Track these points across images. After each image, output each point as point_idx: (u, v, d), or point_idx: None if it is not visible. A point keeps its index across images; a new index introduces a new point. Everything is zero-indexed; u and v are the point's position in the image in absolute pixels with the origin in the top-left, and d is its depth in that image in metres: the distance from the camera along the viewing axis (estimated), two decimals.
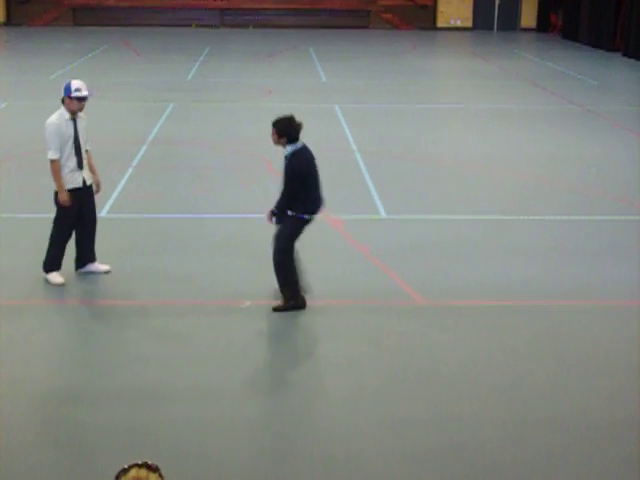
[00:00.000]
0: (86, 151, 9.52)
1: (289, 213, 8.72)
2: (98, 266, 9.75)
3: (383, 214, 12.25)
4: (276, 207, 8.77)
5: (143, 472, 3.64)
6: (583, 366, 7.91)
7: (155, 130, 17.38)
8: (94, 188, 9.62)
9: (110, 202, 12.51)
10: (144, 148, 15.80)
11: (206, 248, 10.79)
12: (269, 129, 8.76)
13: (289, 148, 8.69)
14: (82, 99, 9.22)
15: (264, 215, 9.00)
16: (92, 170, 9.60)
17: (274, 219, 8.80)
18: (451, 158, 15.55)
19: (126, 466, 3.65)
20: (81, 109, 9.33)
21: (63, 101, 9.29)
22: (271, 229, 8.99)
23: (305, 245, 9.19)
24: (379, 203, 12.71)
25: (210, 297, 9.25)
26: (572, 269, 10.25)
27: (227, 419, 6.90)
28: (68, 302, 9.17)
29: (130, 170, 14.30)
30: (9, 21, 39.04)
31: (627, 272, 10.14)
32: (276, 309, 8.82)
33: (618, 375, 7.74)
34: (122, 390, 7.32)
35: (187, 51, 30.80)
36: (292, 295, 8.83)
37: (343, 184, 13.78)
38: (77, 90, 9.18)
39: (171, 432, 6.69)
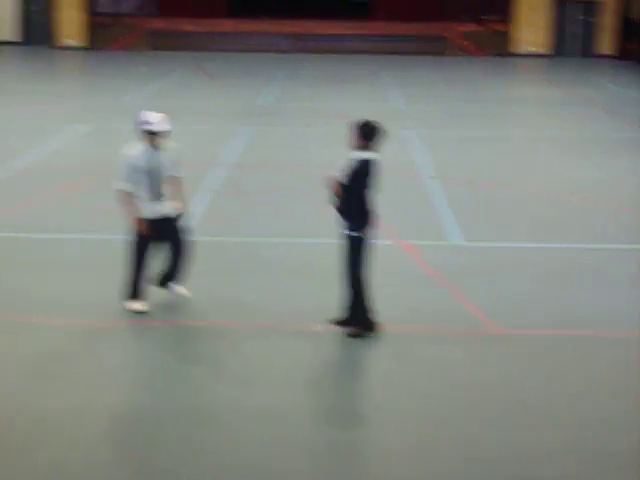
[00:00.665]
0: (175, 178, 9.29)
1: (346, 233, 8.57)
2: (178, 289, 9.56)
3: (460, 241, 12.11)
4: (342, 219, 8.58)
5: None
6: None
7: (230, 154, 17.46)
8: (176, 214, 9.30)
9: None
10: (219, 172, 15.87)
11: (282, 271, 10.76)
12: (344, 153, 8.70)
13: (363, 154, 8.44)
14: (155, 133, 8.91)
15: (336, 240, 8.91)
16: (178, 198, 9.30)
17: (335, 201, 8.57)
18: (528, 184, 15.36)
19: None
20: (156, 142, 8.98)
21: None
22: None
23: (379, 271, 9.12)
24: (456, 229, 12.58)
25: (283, 320, 9.20)
26: None
27: (299, 444, 6.83)
28: (145, 323, 9.19)
29: (207, 194, 14.36)
30: (89, 45, 39.71)
31: None
32: (350, 335, 8.70)
33: None
34: (195, 409, 7.31)
35: (261, 76, 31.00)
36: (364, 320, 8.71)
37: (419, 210, 13.68)
38: (149, 123, 8.89)
39: (242, 453, 6.64)
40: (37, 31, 40.75)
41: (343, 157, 8.80)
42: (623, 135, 20.58)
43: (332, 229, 12.45)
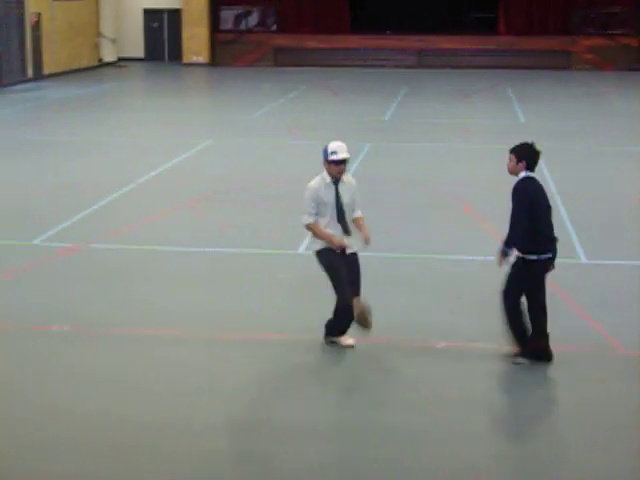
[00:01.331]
0: (356, 218, 8.88)
1: (517, 255, 8.33)
2: (343, 340, 9.00)
3: (583, 258, 11.95)
4: (505, 244, 8.33)
5: None
6: None
7: (352, 169, 17.58)
8: (362, 244, 8.87)
9: (307, 239, 12.70)
10: None
11: (400, 286, 10.78)
12: (466, 170, 8.69)
13: (522, 174, 8.28)
14: (339, 162, 8.61)
15: (460, 257, 8.91)
16: (361, 230, 8.84)
17: (506, 258, 8.34)
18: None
19: None
20: (341, 172, 8.67)
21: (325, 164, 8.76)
22: (465, 268, 8.90)
23: (500, 287, 9.05)
24: (579, 247, 12.41)
25: (407, 334, 9.20)
26: None
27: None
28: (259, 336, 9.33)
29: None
30: (213, 61, 40.51)
31: None
32: (515, 362, 8.48)
33: None
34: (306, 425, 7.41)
35: (384, 91, 31.10)
36: (523, 345, 8.45)
37: None
38: (333, 153, 8.59)
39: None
40: (162, 47, 41.81)
41: (470, 173, 8.78)
42: None
43: (452, 246, 12.48)
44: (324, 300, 10.35)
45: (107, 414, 7.52)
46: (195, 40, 40.25)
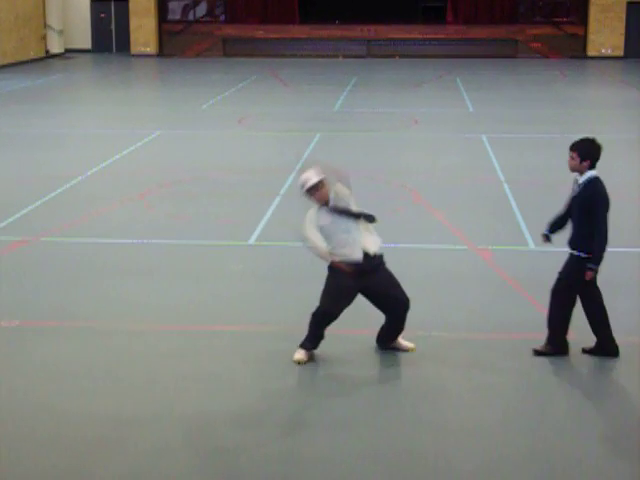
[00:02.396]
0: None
1: (576, 254, 8.16)
2: (402, 342, 8.70)
3: (532, 246, 12.07)
4: (595, 258, 8.02)
5: None
6: None
7: (302, 159, 17.59)
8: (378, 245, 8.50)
9: (258, 230, 12.72)
10: (291, 177, 16.00)
11: None
12: (416, 159, 8.72)
13: (589, 174, 8.07)
14: (312, 189, 8.37)
15: (412, 245, 8.94)
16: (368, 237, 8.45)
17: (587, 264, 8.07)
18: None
19: None
20: (323, 196, 8.38)
21: None
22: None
23: (453, 275, 9.12)
24: (528, 234, 12.53)
25: (358, 326, 9.24)
26: None
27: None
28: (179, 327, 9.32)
29: (277, 198, 14.51)
30: (161, 52, 40.28)
31: None
32: (538, 352, 8.44)
33: None
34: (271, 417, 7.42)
35: (334, 81, 31.12)
36: (553, 340, 8.43)
37: (491, 214, 13.65)
38: (302, 187, 8.42)
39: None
40: (109, 38, 41.49)
41: (419, 161, 8.80)
42: None
43: (405, 235, 12.54)
44: (277, 290, 10.39)
45: (64, 408, 7.47)
46: (143, 31, 39.98)
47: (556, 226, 8.65)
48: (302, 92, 28.45)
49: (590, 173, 8.11)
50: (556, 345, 8.43)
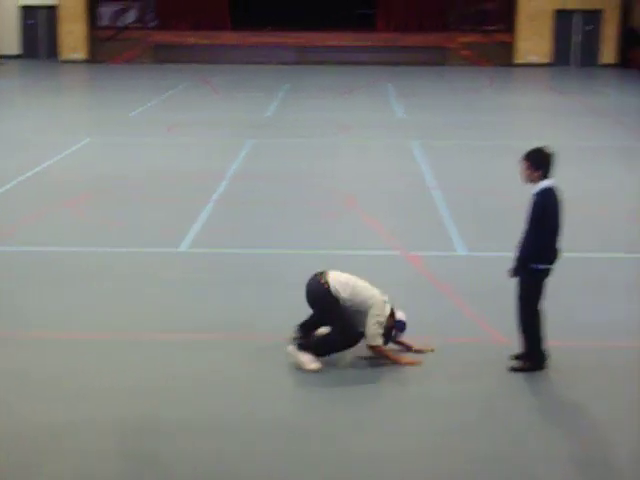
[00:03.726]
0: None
1: (532, 267, 8.02)
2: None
3: (463, 251, 12.15)
4: (518, 259, 8.06)
5: None
6: None
7: (234, 166, 17.53)
8: None
9: (191, 236, 12.63)
10: (224, 183, 15.93)
11: (285, 283, 10.77)
12: (348, 165, 8.71)
13: (543, 184, 7.96)
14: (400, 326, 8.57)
15: (344, 251, 8.95)
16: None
17: (514, 272, 8.13)
18: (517, 192, 15.38)
19: None
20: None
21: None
22: (359, 266, 8.93)
23: (383, 282, 9.13)
24: (458, 240, 12.62)
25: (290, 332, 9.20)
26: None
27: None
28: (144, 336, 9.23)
29: (210, 205, 14.42)
30: (91, 59, 39.88)
31: None
32: (515, 369, 8.28)
33: None
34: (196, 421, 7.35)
35: (266, 88, 31.08)
36: (538, 355, 8.27)
37: (421, 220, 13.72)
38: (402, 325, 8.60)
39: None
40: (39, 44, 40.99)
41: (352, 168, 8.79)
42: (630, 144, 20.61)
43: (339, 241, 12.55)
44: (208, 298, 10.31)
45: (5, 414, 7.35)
46: (73, 37, 39.56)
47: None
48: (234, 99, 28.36)
49: (544, 183, 8.01)
50: (534, 359, 8.29)
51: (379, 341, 8.35)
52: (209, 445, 7.01)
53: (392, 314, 8.52)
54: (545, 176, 8.03)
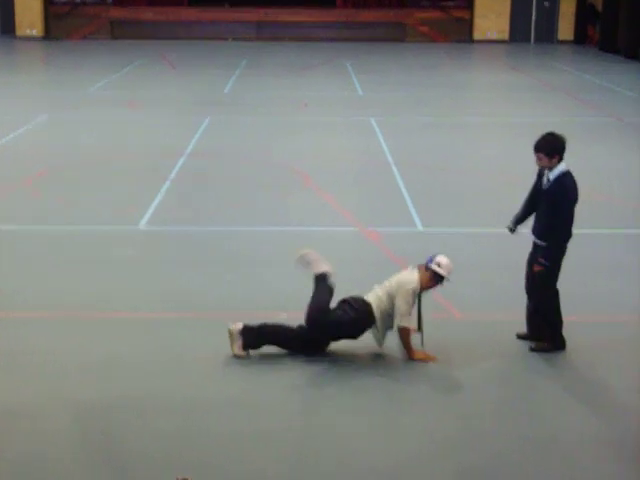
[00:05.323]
0: None
1: (546, 246, 8.12)
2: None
3: (420, 227, 12.24)
4: (554, 245, 8.09)
5: None
6: None
7: (192, 143, 17.48)
8: None
9: (147, 215, 12.60)
10: (181, 161, 15.89)
11: (243, 261, 10.81)
12: (306, 142, 8.73)
13: (560, 168, 8.07)
14: (437, 277, 8.17)
15: (303, 228, 8.99)
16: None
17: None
18: (489, 170, 15.52)
19: None
20: (431, 284, 8.21)
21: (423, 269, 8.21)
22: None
23: (342, 258, 9.19)
24: (415, 215, 12.70)
25: (249, 309, 9.24)
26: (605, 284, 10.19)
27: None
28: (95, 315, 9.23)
29: (167, 183, 14.39)
30: (47, 35, 39.43)
31: None
32: (534, 349, 8.37)
33: None
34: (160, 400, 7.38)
35: (223, 64, 30.93)
36: (553, 335, 8.38)
37: (380, 196, 13.79)
38: (438, 265, 8.16)
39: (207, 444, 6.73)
40: None
41: (309, 144, 8.81)
42: (588, 120, 20.78)
43: (296, 218, 12.59)
44: (167, 276, 10.32)
45: None
46: (28, 13, 39.05)
47: (521, 220, 8.66)
48: (191, 75, 28.20)
49: (561, 167, 8.12)
50: (555, 341, 8.40)
51: (405, 322, 7.99)
52: (162, 424, 7.05)
53: (431, 277, 8.14)
54: (562, 159, 8.14)
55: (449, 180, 14.97)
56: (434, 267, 8.15)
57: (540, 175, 8.36)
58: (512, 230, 8.73)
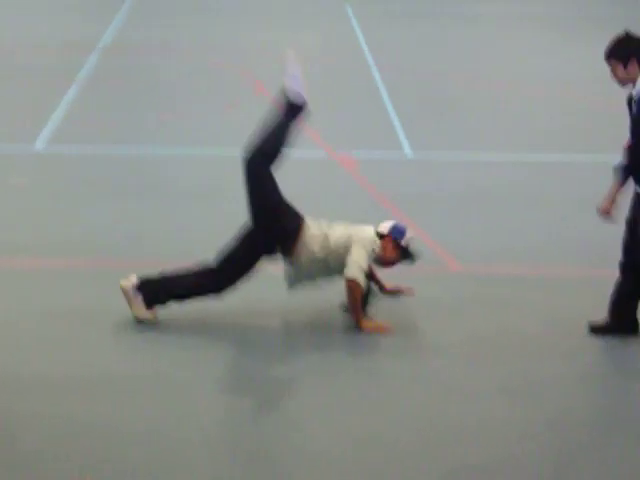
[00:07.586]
0: None
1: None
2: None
3: (408, 151, 12.14)
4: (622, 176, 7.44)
5: None
6: None
7: (108, 33, 17.32)
8: None
9: (47, 131, 12.45)
10: (92, 58, 15.74)
11: (173, 192, 10.64)
12: (264, 37, 8.56)
13: None
14: (401, 248, 8.02)
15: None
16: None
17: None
18: (484, 75, 15.52)
19: None
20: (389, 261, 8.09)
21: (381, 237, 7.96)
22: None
23: (302, 191, 9.09)
24: (403, 137, 12.59)
25: (170, 257, 9.06)
26: None
27: None
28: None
29: (74, 87, 14.24)
30: None
31: None
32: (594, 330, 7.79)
33: None
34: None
35: None
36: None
37: (357, 111, 13.68)
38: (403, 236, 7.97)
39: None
40: None
41: (265, 41, 8.68)
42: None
43: (243, 138, 12.46)
44: (67, 212, 10.15)
45: None
46: None
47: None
48: None
49: None
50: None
51: (359, 275, 7.82)
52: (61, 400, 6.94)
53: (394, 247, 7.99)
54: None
55: (447, 90, 14.89)
56: (404, 244, 7.94)
57: (630, 102, 7.82)
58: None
